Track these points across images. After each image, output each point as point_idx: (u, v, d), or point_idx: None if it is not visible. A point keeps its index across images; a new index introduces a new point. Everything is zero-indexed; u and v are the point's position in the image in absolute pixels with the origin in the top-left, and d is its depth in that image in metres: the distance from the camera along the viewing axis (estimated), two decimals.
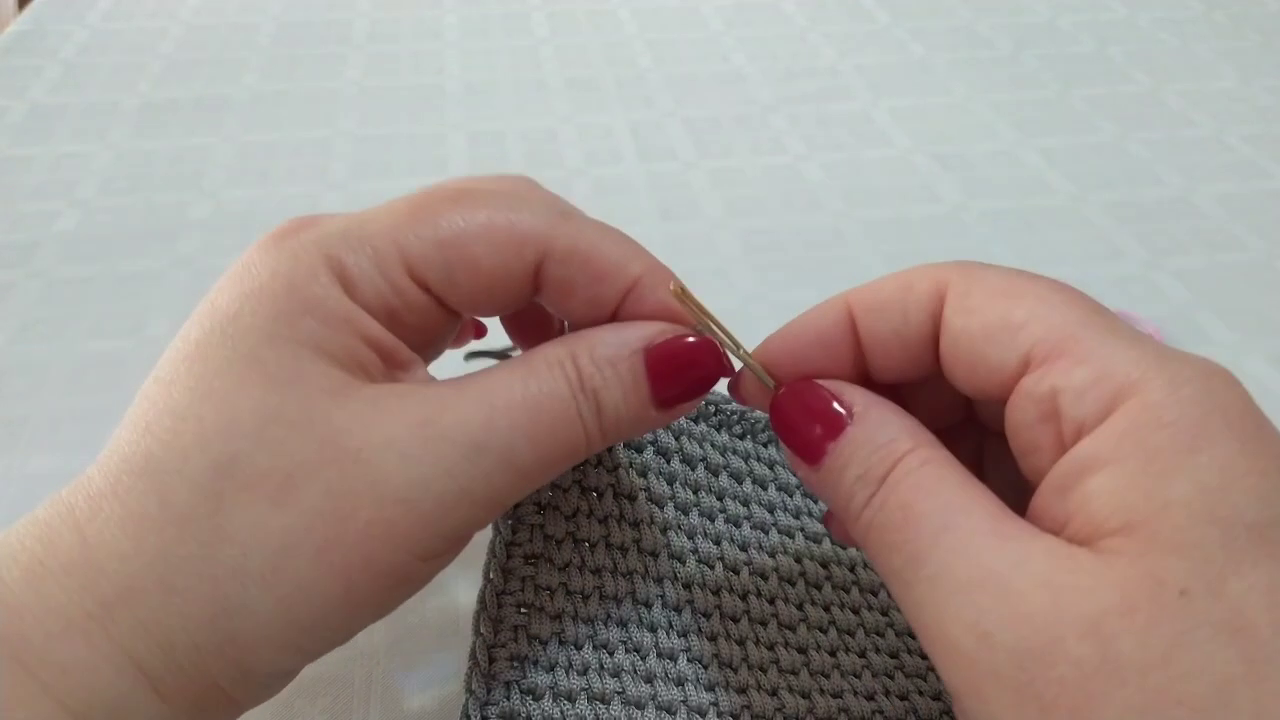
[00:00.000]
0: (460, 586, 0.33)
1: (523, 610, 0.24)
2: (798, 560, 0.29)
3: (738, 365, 0.24)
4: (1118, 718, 0.16)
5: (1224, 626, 0.16)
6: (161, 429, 0.20)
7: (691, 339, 0.23)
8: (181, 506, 0.19)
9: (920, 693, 0.28)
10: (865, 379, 0.23)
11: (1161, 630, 0.16)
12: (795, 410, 0.22)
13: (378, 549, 0.20)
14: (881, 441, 0.21)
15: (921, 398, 0.24)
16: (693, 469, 0.28)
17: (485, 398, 0.21)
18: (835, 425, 0.21)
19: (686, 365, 0.23)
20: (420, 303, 0.22)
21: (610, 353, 0.22)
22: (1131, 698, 0.16)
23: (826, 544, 0.30)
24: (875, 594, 0.30)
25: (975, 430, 0.25)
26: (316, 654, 0.21)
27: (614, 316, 0.23)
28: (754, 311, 0.46)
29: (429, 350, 0.24)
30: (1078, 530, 0.18)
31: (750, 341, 0.24)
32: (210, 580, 0.19)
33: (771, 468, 0.30)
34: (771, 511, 0.29)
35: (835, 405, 0.22)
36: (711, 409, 0.29)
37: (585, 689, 0.24)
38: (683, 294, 0.22)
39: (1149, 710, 0.16)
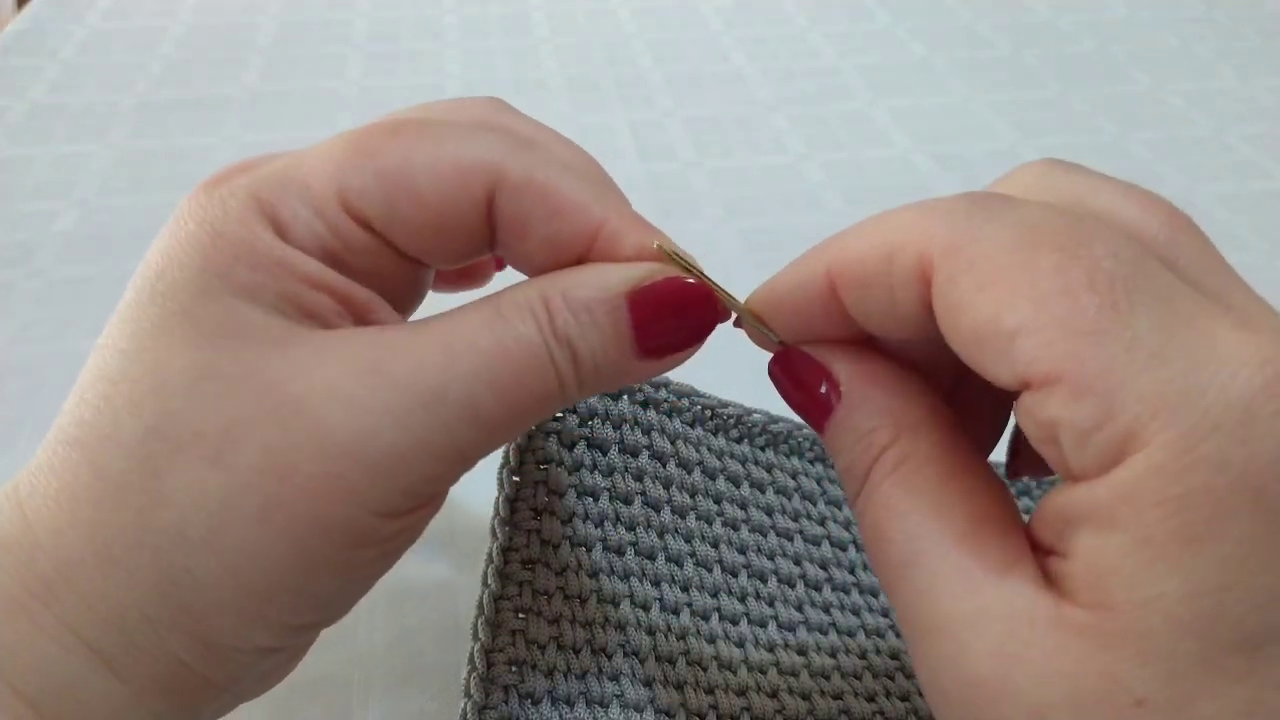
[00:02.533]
0: (459, 589, 0.32)
1: (520, 615, 0.24)
2: (797, 563, 0.29)
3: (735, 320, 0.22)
4: None
5: None
6: (94, 395, 0.19)
7: (682, 281, 0.21)
8: (115, 474, 0.18)
9: (921, 694, 0.27)
10: (861, 333, 0.20)
11: None
12: (789, 382, 0.21)
13: (325, 505, 0.18)
14: (864, 430, 0.19)
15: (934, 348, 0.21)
16: (689, 473, 0.28)
17: (443, 341, 0.19)
18: (825, 406, 0.20)
19: (675, 311, 0.20)
20: (362, 242, 0.20)
21: (587, 295, 0.20)
22: None
23: (825, 546, 0.30)
24: (875, 595, 0.30)
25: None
26: (288, 625, 0.19)
27: (581, 262, 0.21)
28: None
29: (404, 303, 0.22)
30: (1061, 575, 0.16)
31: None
32: (150, 549, 0.18)
33: (769, 471, 0.30)
34: (770, 515, 0.29)
35: (822, 385, 0.20)
36: (708, 414, 0.29)
37: (583, 693, 0.24)
38: (672, 255, 0.20)
39: None
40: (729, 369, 0.28)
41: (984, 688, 0.16)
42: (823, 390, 0.20)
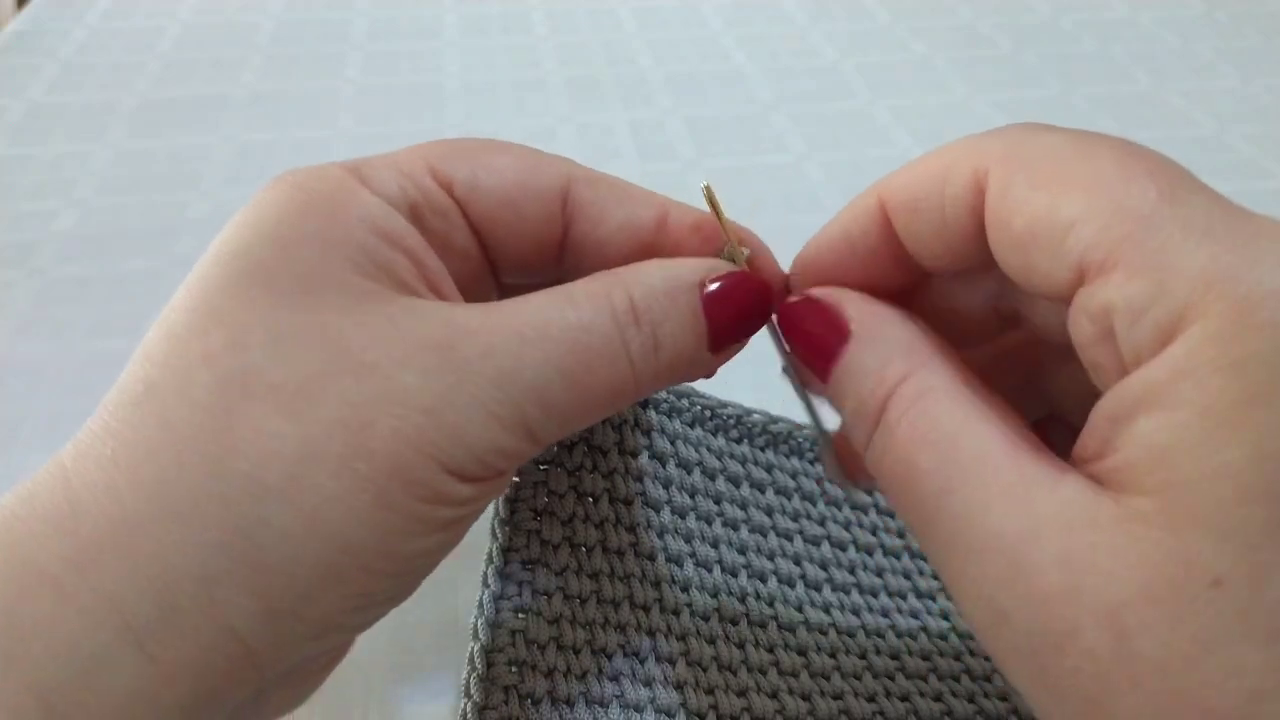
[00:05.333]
0: (459, 589, 0.32)
1: (520, 615, 0.24)
2: (796, 563, 0.29)
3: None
4: None
5: (1260, 628, 0.14)
6: (161, 354, 0.18)
7: (748, 275, 0.21)
8: (184, 425, 0.17)
9: (921, 694, 0.27)
10: (911, 273, 0.21)
11: (1187, 626, 0.14)
12: (795, 327, 0.21)
13: (406, 455, 0.18)
14: (872, 367, 0.19)
15: (982, 284, 0.22)
16: (689, 473, 0.28)
17: (515, 325, 0.19)
18: (833, 346, 0.20)
19: (744, 304, 0.21)
20: (443, 203, 0.21)
21: (666, 286, 0.20)
22: (1146, 701, 0.14)
23: (825, 547, 0.30)
24: (875, 595, 0.30)
25: (1024, 343, 0.22)
26: (359, 592, 0.18)
27: (650, 249, 0.22)
28: None
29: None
30: (1117, 470, 0.16)
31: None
32: (220, 499, 0.17)
33: (769, 471, 0.30)
34: (769, 515, 0.29)
35: (832, 324, 0.20)
36: (708, 414, 0.29)
37: (583, 694, 0.24)
38: (712, 195, 0.22)
39: (1166, 717, 0.14)
40: (729, 369, 0.28)
41: (1052, 599, 0.15)
42: (833, 327, 0.20)
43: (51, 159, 0.57)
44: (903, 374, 0.19)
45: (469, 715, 0.23)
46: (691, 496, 0.28)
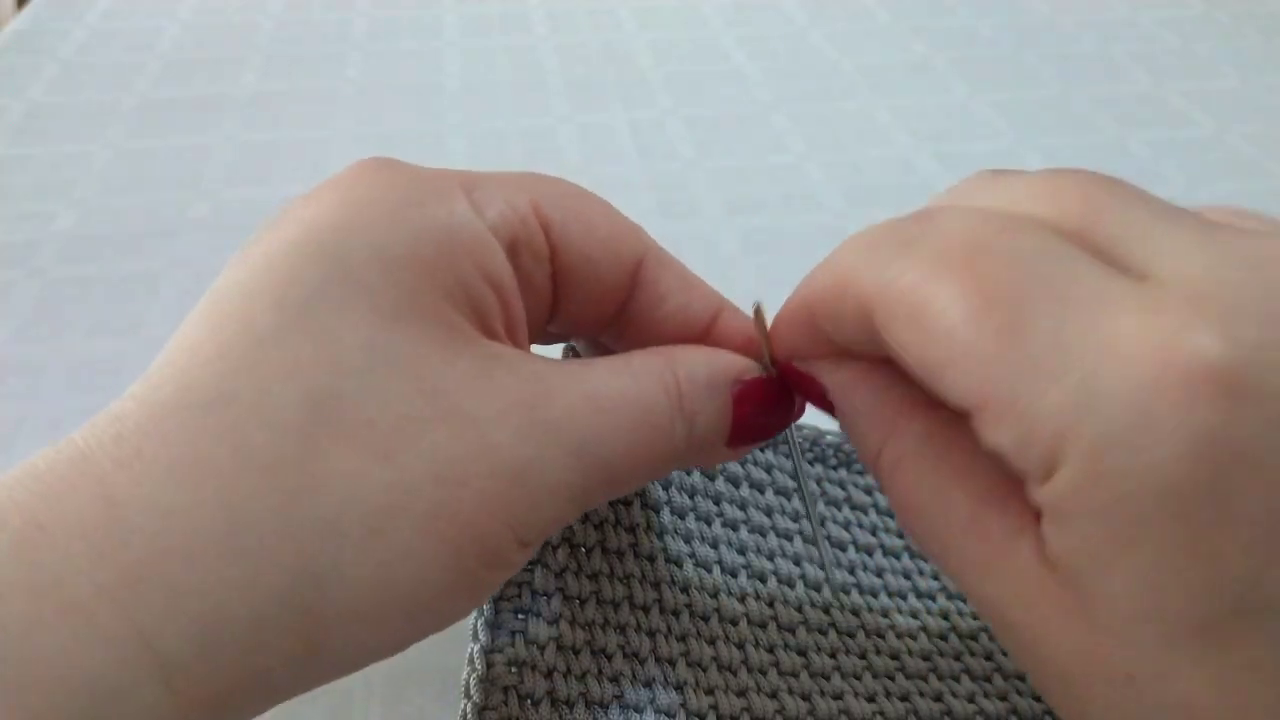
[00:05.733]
0: None
1: (520, 616, 0.24)
2: (796, 563, 0.29)
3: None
4: None
5: (1178, 709, 0.15)
6: (236, 356, 0.17)
7: (770, 381, 0.22)
8: (263, 451, 0.16)
9: (921, 694, 0.27)
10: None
11: (1115, 713, 0.16)
12: (797, 388, 0.22)
13: (488, 522, 0.17)
14: (858, 435, 0.20)
15: None
16: (689, 473, 0.28)
17: (590, 394, 0.19)
18: (829, 408, 0.21)
19: (770, 409, 0.22)
20: (539, 244, 0.20)
21: (709, 377, 0.21)
22: None
23: (824, 546, 0.30)
24: (875, 595, 0.30)
25: None
26: (402, 641, 0.18)
27: (695, 341, 0.22)
28: None
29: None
30: (1046, 541, 0.16)
31: None
32: (293, 540, 0.16)
33: (769, 471, 0.30)
34: (769, 515, 0.29)
35: (818, 394, 0.21)
36: None
37: (583, 694, 0.24)
38: (762, 319, 0.22)
39: None
40: None
41: (1028, 661, 0.17)
42: (819, 400, 0.21)
43: (51, 159, 0.57)
44: (878, 446, 0.19)
45: (469, 715, 0.23)
46: (691, 497, 0.28)
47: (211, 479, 0.16)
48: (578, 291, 0.21)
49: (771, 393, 0.22)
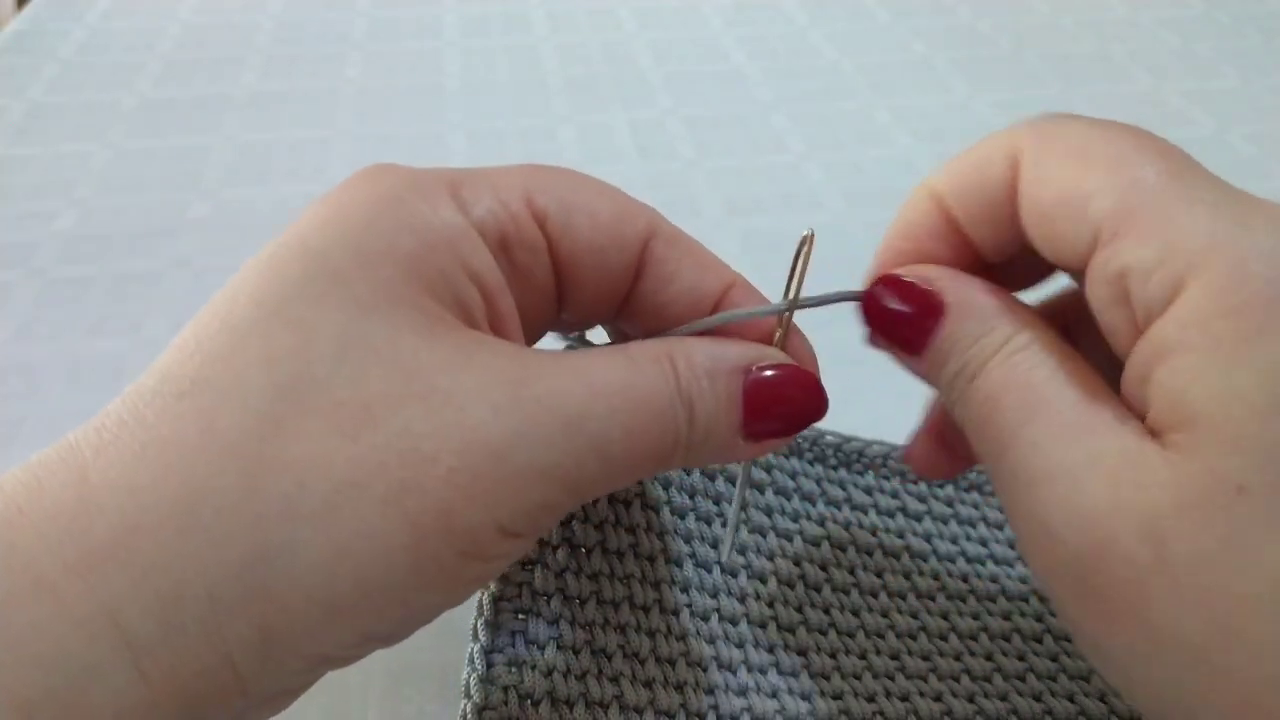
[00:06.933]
0: None
1: (520, 615, 0.24)
2: (796, 564, 0.29)
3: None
4: (1172, 618, 0.16)
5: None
6: (215, 345, 0.17)
7: (793, 371, 0.21)
8: (227, 431, 0.16)
9: (921, 694, 0.27)
10: (971, 267, 0.22)
11: (1216, 529, 0.16)
12: (886, 307, 0.22)
13: (458, 502, 0.17)
14: (977, 333, 0.21)
15: (1033, 271, 0.23)
16: (688, 473, 0.28)
17: (583, 374, 0.19)
18: (928, 322, 0.21)
19: (786, 399, 0.21)
20: (532, 238, 0.20)
21: (709, 364, 0.20)
22: (1181, 599, 0.16)
23: (825, 547, 0.30)
24: (875, 596, 0.30)
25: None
26: (363, 632, 0.18)
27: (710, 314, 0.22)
28: None
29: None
30: (1153, 422, 0.18)
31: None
32: (251, 517, 0.16)
33: (768, 472, 0.30)
34: (769, 515, 0.29)
35: (926, 299, 0.21)
36: None
37: (583, 694, 0.24)
38: (808, 251, 0.22)
39: (1202, 609, 0.16)
40: None
41: (1097, 515, 0.17)
42: (927, 301, 0.21)
43: (51, 159, 0.57)
44: (1007, 335, 0.20)
45: (468, 715, 0.23)
46: (691, 497, 0.28)
47: (179, 460, 0.16)
48: (584, 278, 0.21)
49: (790, 379, 0.21)
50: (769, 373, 0.21)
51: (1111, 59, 0.70)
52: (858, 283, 0.24)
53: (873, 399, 0.35)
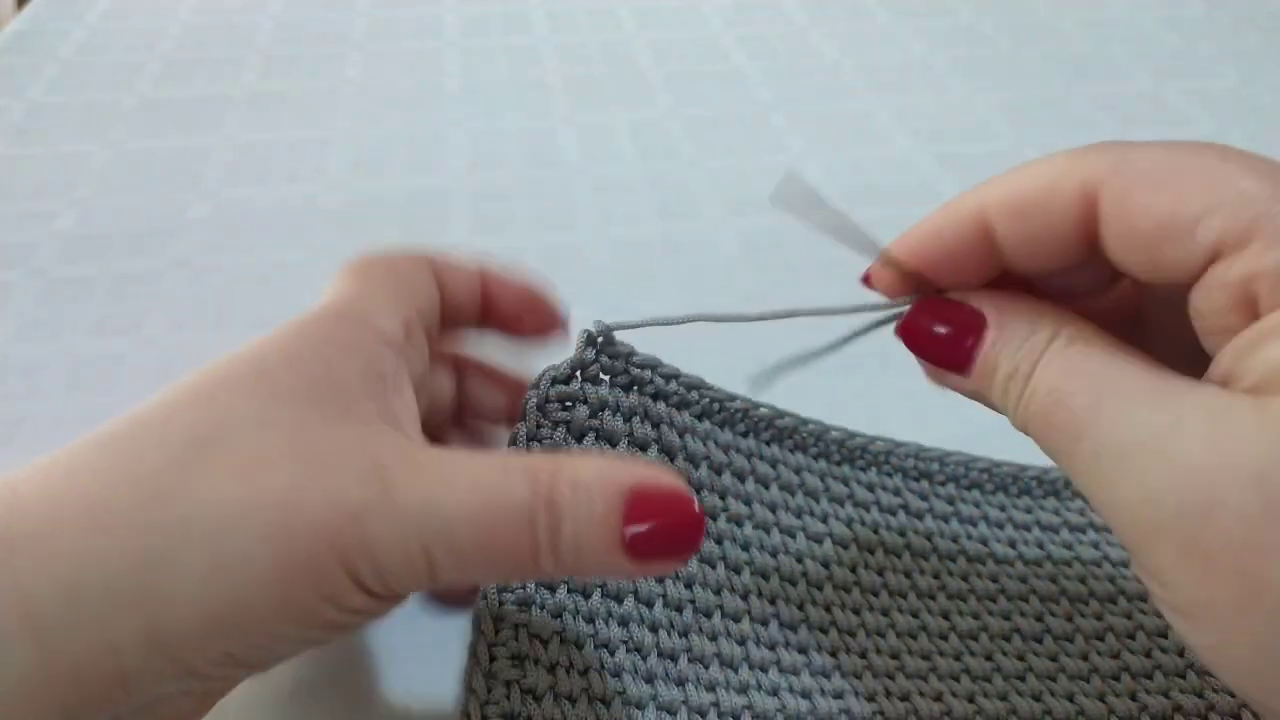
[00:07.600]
0: None
1: (522, 609, 0.24)
2: (799, 560, 0.29)
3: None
4: None
5: None
6: (147, 418, 0.21)
7: (678, 491, 0.21)
8: (147, 465, 0.20)
9: (921, 694, 0.27)
10: (992, 273, 0.23)
11: None
12: (929, 327, 0.23)
13: (318, 549, 0.20)
14: (1024, 335, 0.21)
15: (1061, 280, 0.24)
16: (696, 467, 0.28)
17: (447, 470, 0.21)
18: (975, 333, 0.22)
19: (663, 513, 0.21)
20: (419, 342, 0.26)
21: (589, 478, 0.21)
22: None
23: (828, 544, 0.30)
24: (876, 595, 0.30)
25: (1128, 295, 0.25)
26: (228, 651, 0.20)
27: (485, 299, 0.28)
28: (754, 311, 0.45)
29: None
30: (1245, 386, 0.18)
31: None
32: (145, 529, 0.19)
33: (774, 466, 0.30)
34: (774, 511, 0.29)
35: (971, 315, 0.22)
36: (717, 406, 0.29)
37: (586, 689, 0.24)
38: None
39: None
40: (730, 363, 0.28)
41: (1199, 471, 0.17)
42: (972, 318, 0.22)
43: (51, 159, 0.57)
44: (1054, 331, 0.21)
45: (471, 710, 0.23)
46: (697, 491, 0.28)
47: (98, 481, 0.20)
48: (459, 331, 0.28)
49: (669, 496, 0.21)
50: (646, 496, 0.21)
51: (1111, 59, 0.70)
52: (854, 281, 0.24)
53: (874, 397, 0.36)
